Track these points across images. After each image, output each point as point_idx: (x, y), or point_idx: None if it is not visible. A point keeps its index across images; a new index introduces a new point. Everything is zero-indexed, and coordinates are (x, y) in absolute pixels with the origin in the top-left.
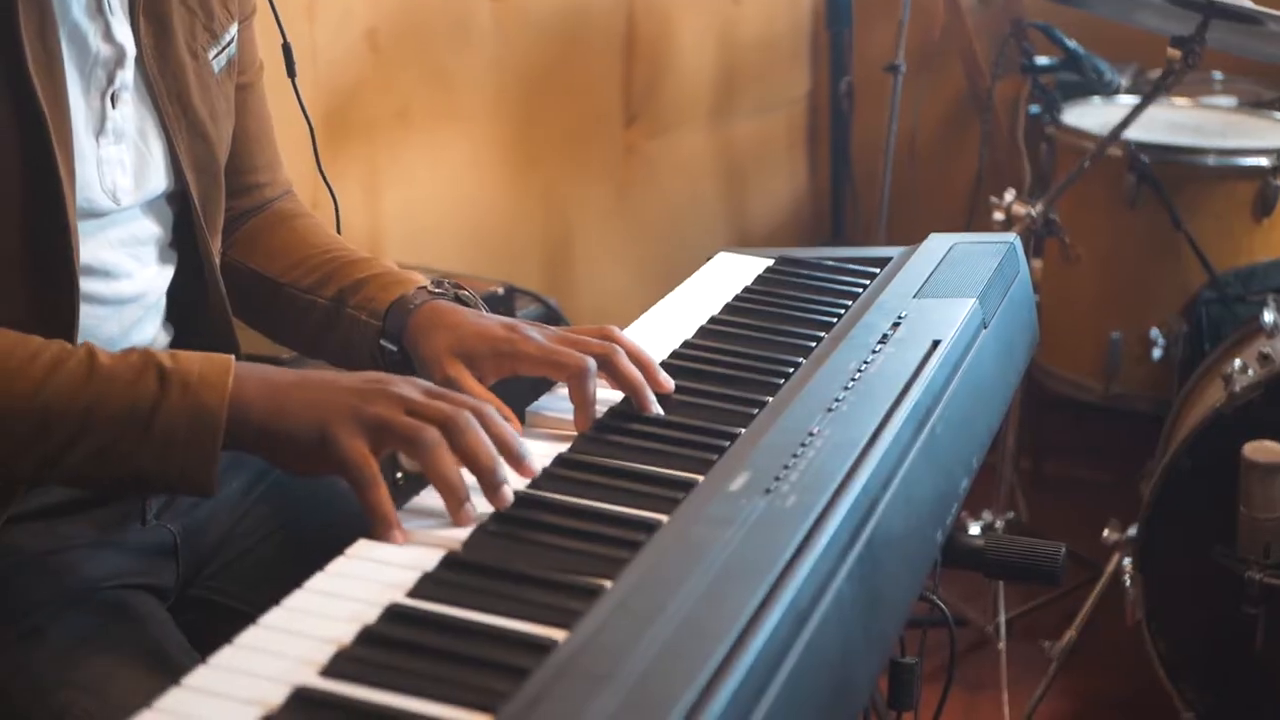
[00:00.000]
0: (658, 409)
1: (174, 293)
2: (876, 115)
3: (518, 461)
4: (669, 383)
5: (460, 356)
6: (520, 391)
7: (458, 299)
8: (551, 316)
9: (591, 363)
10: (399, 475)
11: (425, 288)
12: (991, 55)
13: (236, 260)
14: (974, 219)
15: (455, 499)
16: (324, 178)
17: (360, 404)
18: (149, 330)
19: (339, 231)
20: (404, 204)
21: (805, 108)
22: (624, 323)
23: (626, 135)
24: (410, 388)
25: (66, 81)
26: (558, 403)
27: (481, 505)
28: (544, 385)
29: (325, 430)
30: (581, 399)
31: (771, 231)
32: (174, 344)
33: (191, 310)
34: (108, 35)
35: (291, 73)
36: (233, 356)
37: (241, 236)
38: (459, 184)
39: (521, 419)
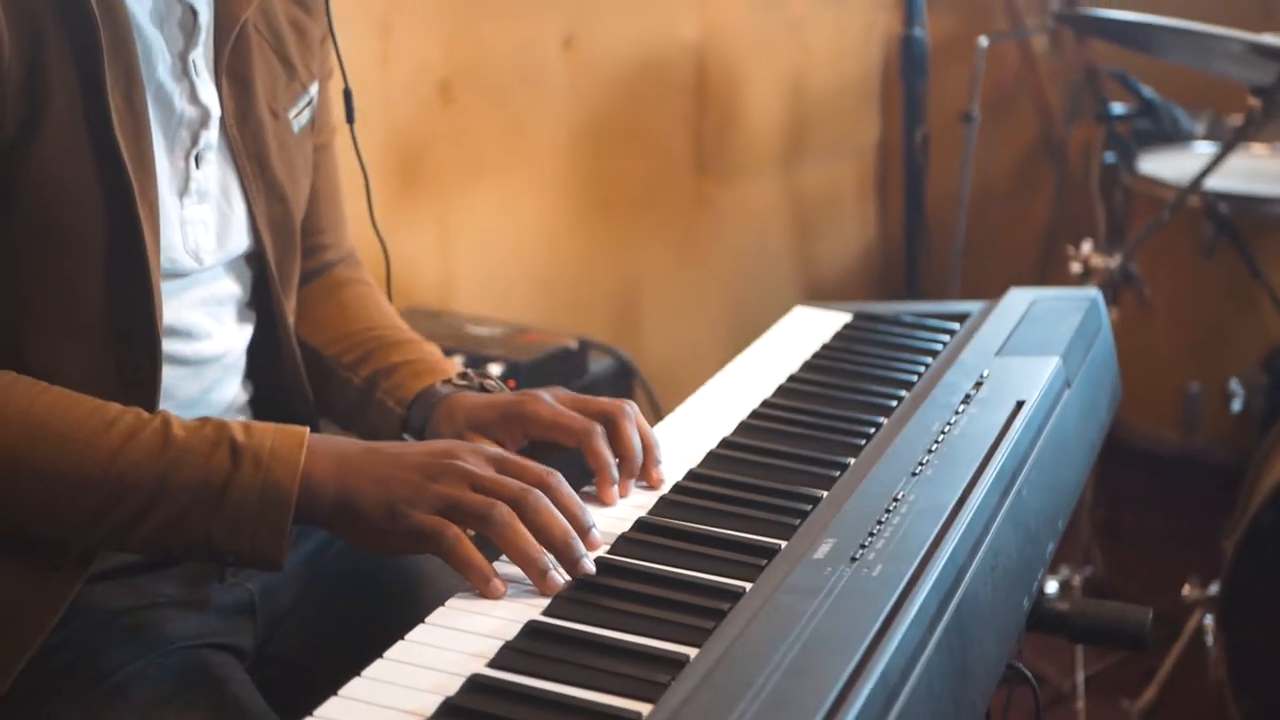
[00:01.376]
0: (617, 495)
1: (251, 351)
2: (949, 163)
3: (584, 533)
4: (661, 477)
5: (476, 429)
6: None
7: (483, 389)
8: (624, 369)
9: (599, 426)
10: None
11: (451, 380)
12: (1065, 102)
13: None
14: (1048, 268)
15: (536, 570)
16: (376, 230)
17: (428, 482)
18: (229, 390)
19: (389, 283)
20: (475, 254)
21: (875, 156)
22: (697, 374)
23: (697, 184)
24: (478, 460)
25: (152, 143)
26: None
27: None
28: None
29: (394, 508)
30: (596, 458)
31: (842, 280)
32: (252, 401)
33: (268, 369)
34: (193, 97)
35: (350, 119)
36: (307, 430)
37: (298, 304)
38: (530, 234)
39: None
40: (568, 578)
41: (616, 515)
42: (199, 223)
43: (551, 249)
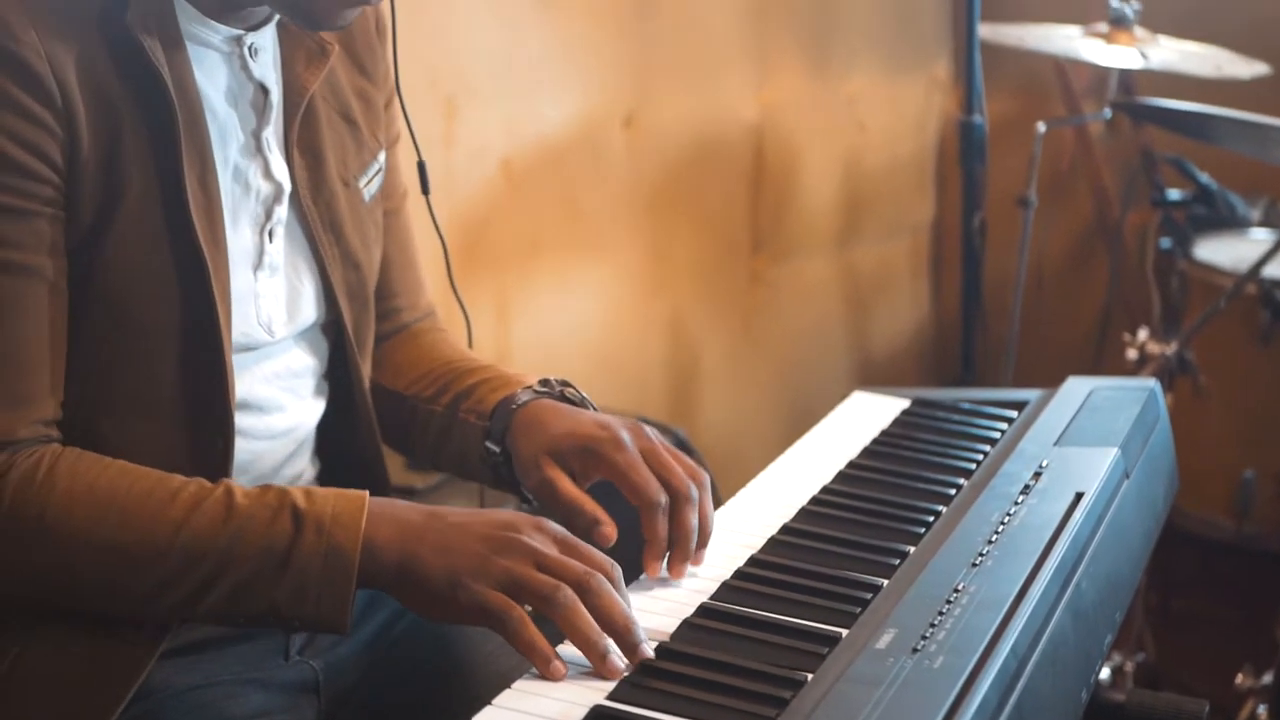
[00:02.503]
0: (658, 572)
1: (324, 424)
2: (1004, 246)
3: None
4: (700, 561)
5: (554, 456)
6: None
7: (563, 397)
8: (680, 446)
9: (663, 498)
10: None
11: (531, 387)
12: (1121, 187)
13: (373, 381)
14: (1104, 352)
15: (597, 654)
16: (456, 294)
17: (492, 555)
18: (299, 464)
19: (470, 343)
20: (533, 331)
21: (930, 234)
22: (752, 451)
23: (753, 262)
24: (541, 538)
25: (225, 221)
26: None
27: None
28: None
29: (458, 580)
30: (651, 532)
31: (896, 358)
32: (321, 476)
33: (341, 440)
34: (266, 173)
35: (426, 189)
36: (366, 494)
37: (376, 358)
38: (587, 311)
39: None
40: (627, 662)
41: (679, 599)
42: (270, 295)
43: (608, 325)
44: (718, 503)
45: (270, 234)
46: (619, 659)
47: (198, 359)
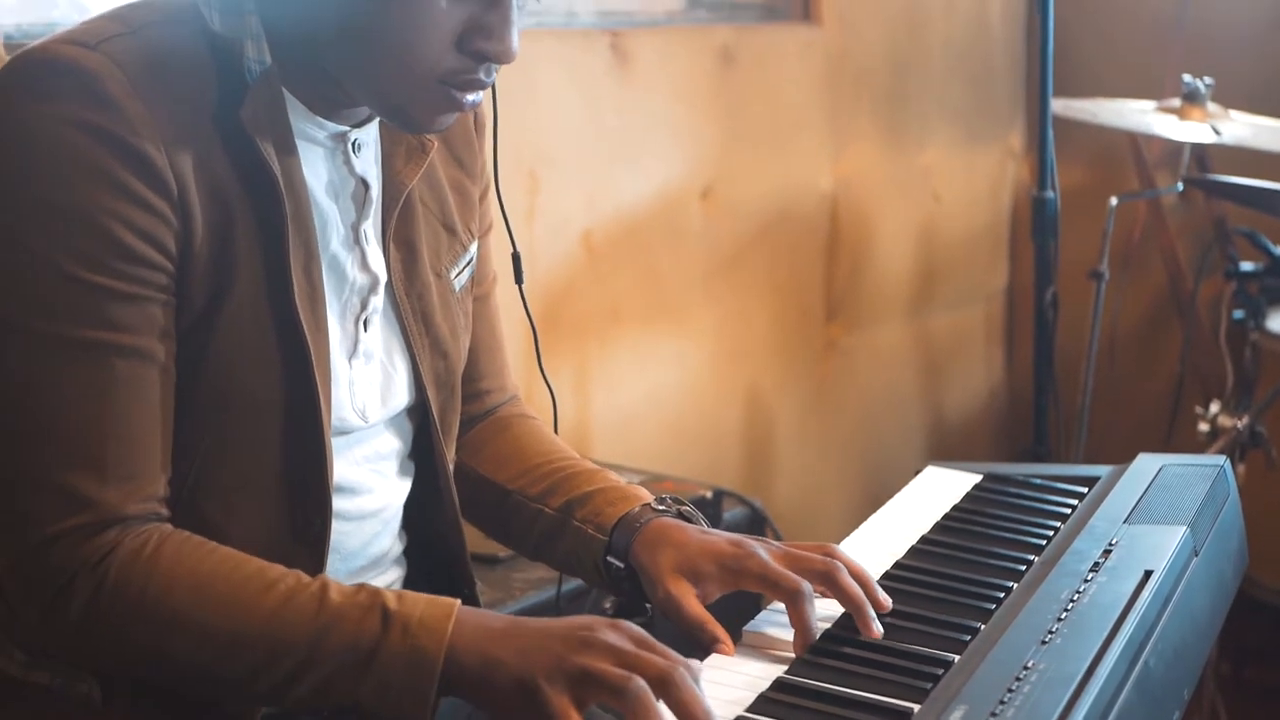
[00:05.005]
0: (878, 628)
1: (409, 505)
2: (1077, 317)
3: None
4: (887, 601)
5: (686, 574)
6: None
7: (680, 515)
8: (756, 518)
9: (807, 586)
10: None
11: (650, 505)
12: (1194, 258)
13: (464, 464)
14: (1176, 424)
15: None
16: (546, 380)
17: (568, 654)
18: (385, 542)
19: (556, 430)
20: (612, 401)
21: (1003, 301)
22: (826, 520)
23: (827, 330)
24: (618, 635)
25: (327, 311)
26: (775, 619)
27: None
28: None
29: (532, 680)
30: (800, 622)
31: (969, 426)
32: (407, 552)
33: (426, 519)
34: (363, 264)
35: (519, 279)
36: (457, 602)
37: (468, 441)
38: (664, 381)
39: (737, 636)
40: None
41: (756, 674)
42: (365, 382)
43: (685, 394)
44: None
45: (365, 323)
46: None
47: (299, 441)
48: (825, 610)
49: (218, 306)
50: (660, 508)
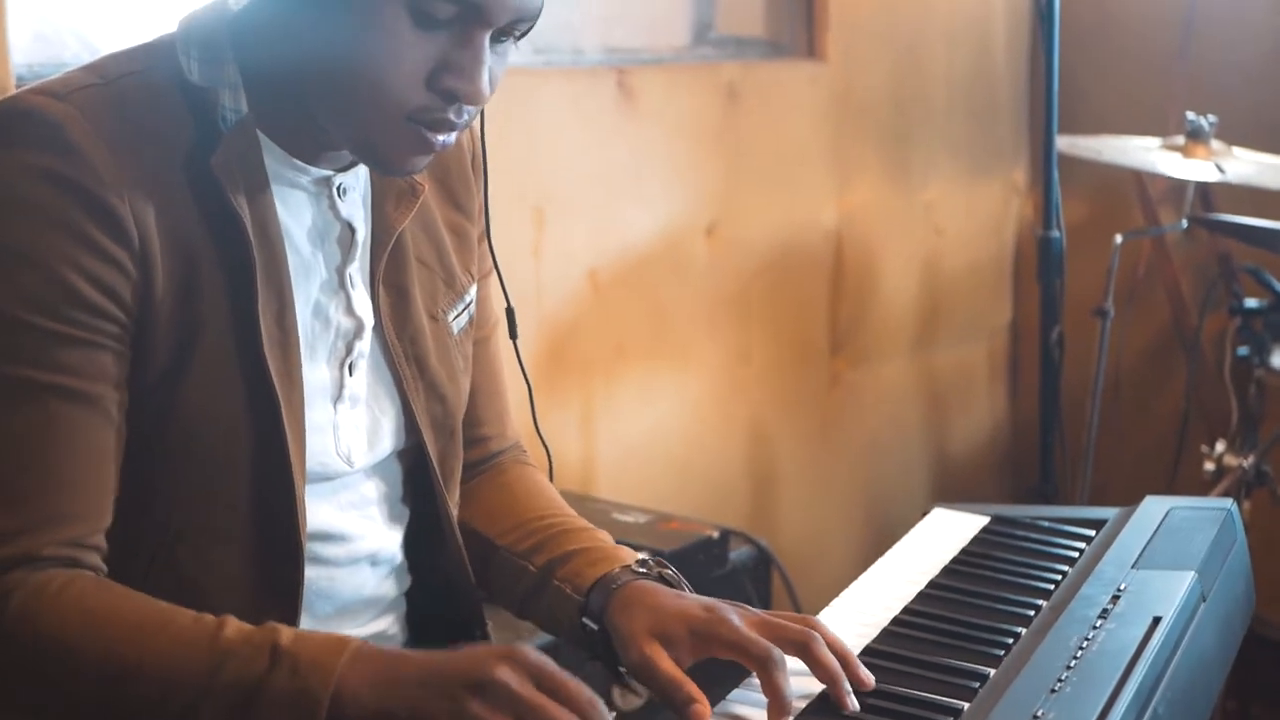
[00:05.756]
0: (854, 703)
1: (411, 548)
2: (1081, 353)
3: None
4: (869, 679)
5: (658, 637)
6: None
7: (661, 578)
8: (763, 557)
9: (779, 653)
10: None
11: (630, 566)
12: (1198, 293)
13: (461, 519)
14: (1181, 460)
15: None
16: (541, 437)
17: (465, 702)
18: (384, 587)
19: (551, 479)
20: (617, 438)
21: (1007, 336)
22: (832, 561)
23: (832, 364)
24: (517, 676)
25: (301, 358)
26: (752, 695)
27: None
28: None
29: None
30: (771, 690)
31: (974, 461)
32: (409, 594)
33: (429, 562)
34: (348, 309)
35: (514, 335)
36: (354, 640)
37: (465, 492)
38: (669, 417)
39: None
40: None
41: None
42: (350, 426)
43: (690, 431)
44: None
45: (350, 367)
46: None
47: (269, 491)
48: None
49: (186, 356)
50: (640, 570)
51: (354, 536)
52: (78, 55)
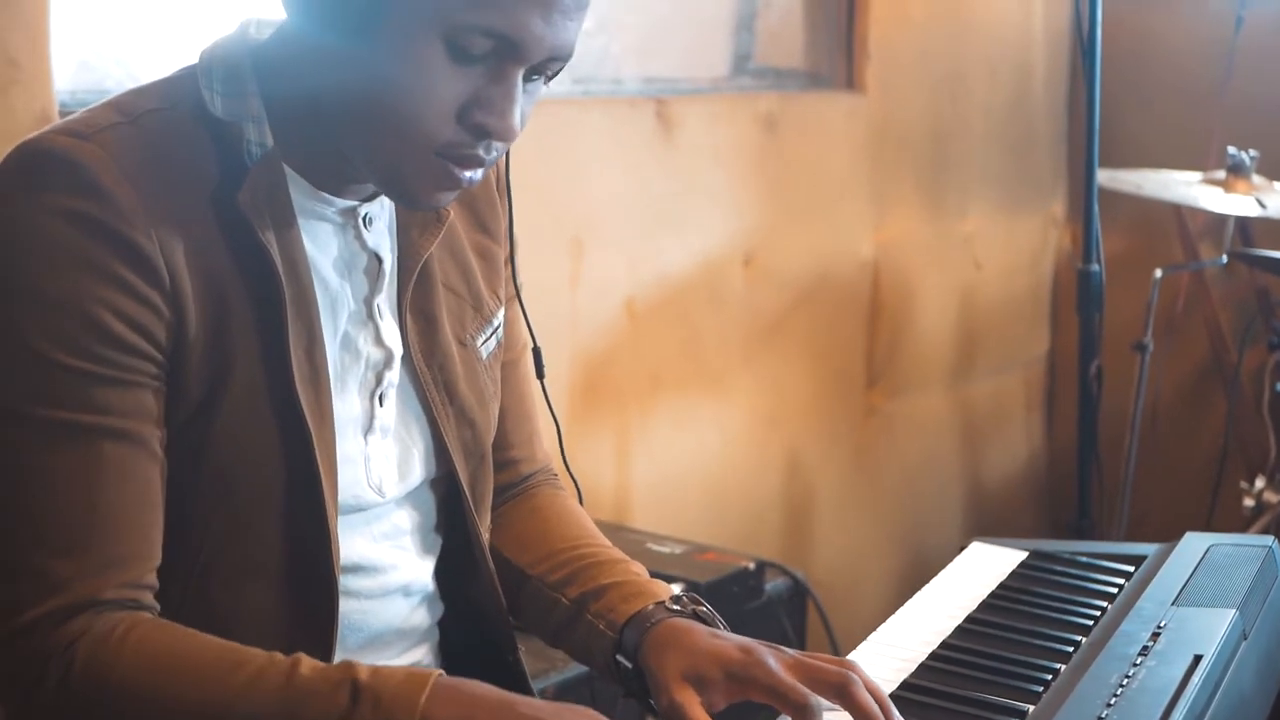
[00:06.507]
0: None
1: (443, 576)
2: (1119, 386)
3: None
4: None
5: (691, 680)
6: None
7: (695, 615)
8: (798, 589)
9: (817, 701)
10: None
11: (664, 603)
12: (1237, 327)
13: (491, 546)
14: (1220, 495)
15: None
16: (569, 470)
17: None
18: (416, 617)
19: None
20: (652, 468)
21: (1044, 368)
22: (868, 593)
23: (868, 396)
24: None
25: (331, 391)
26: None
27: None
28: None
29: None
30: None
31: (1010, 495)
32: (442, 623)
33: (462, 590)
34: (377, 340)
35: (540, 375)
36: (437, 673)
37: (497, 524)
38: (705, 448)
39: None
40: None
41: None
42: (381, 457)
43: (725, 461)
44: (834, 646)
45: (381, 398)
46: None
47: (302, 525)
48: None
49: (218, 394)
50: (675, 607)
51: (387, 568)
52: (120, 83)
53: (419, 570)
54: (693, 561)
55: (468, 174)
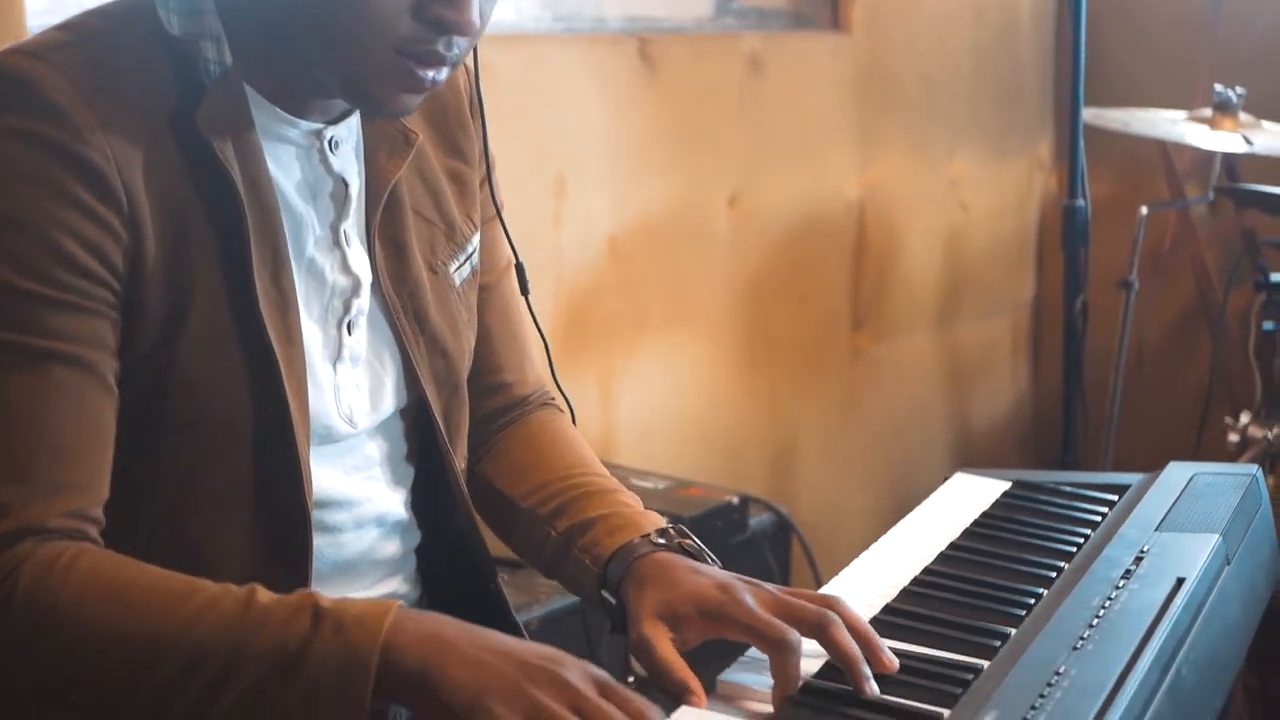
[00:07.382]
0: (874, 688)
1: (419, 505)
2: (1105, 326)
3: None
4: (893, 662)
5: (665, 618)
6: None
7: (681, 549)
8: (783, 525)
9: (795, 637)
10: (630, 679)
11: (649, 536)
12: (1224, 268)
13: (486, 477)
14: (1205, 434)
15: None
16: (560, 389)
17: (526, 683)
18: (390, 547)
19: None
20: (637, 407)
21: (1029, 311)
22: (851, 528)
23: (853, 339)
24: (583, 679)
25: (300, 318)
26: (755, 666)
27: None
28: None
29: (481, 700)
30: (781, 675)
31: (996, 434)
32: (420, 550)
33: (438, 519)
34: (344, 267)
35: (525, 291)
36: (399, 603)
37: (491, 448)
38: (690, 387)
39: (711, 686)
40: None
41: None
42: (351, 387)
43: (710, 401)
44: (818, 582)
45: (349, 326)
46: None
47: (272, 455)
48: None
49: (180, 321)
50: (660, 541)
51: (360, 501)
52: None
53: (391, 501)
54: (676, 496)
55: (430, 73)
